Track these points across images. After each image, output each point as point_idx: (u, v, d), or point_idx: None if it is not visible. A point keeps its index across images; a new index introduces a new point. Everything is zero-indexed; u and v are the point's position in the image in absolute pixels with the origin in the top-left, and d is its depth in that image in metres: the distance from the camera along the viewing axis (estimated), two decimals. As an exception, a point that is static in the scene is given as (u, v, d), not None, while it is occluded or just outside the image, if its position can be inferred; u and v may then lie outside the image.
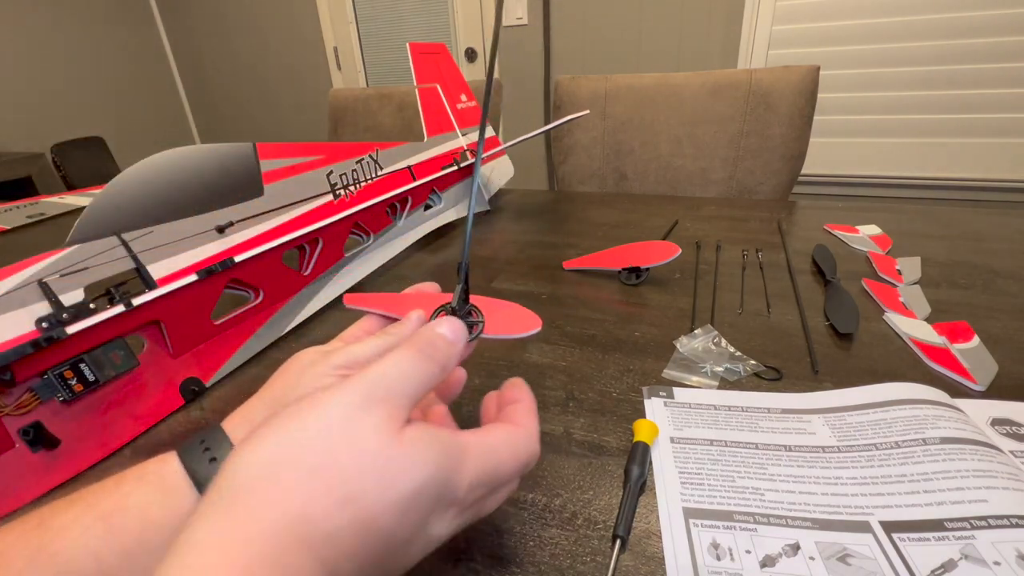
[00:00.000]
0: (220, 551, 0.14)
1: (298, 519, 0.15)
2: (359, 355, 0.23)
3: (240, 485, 0.16)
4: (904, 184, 1.76)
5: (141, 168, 0.36)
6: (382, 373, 0.19)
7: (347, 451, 0.16)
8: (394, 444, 0.17)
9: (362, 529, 0.16)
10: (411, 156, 0.66)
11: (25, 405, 0.30)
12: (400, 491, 0.16)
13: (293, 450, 0.16)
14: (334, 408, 0.17)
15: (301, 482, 0.16)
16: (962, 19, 1.53)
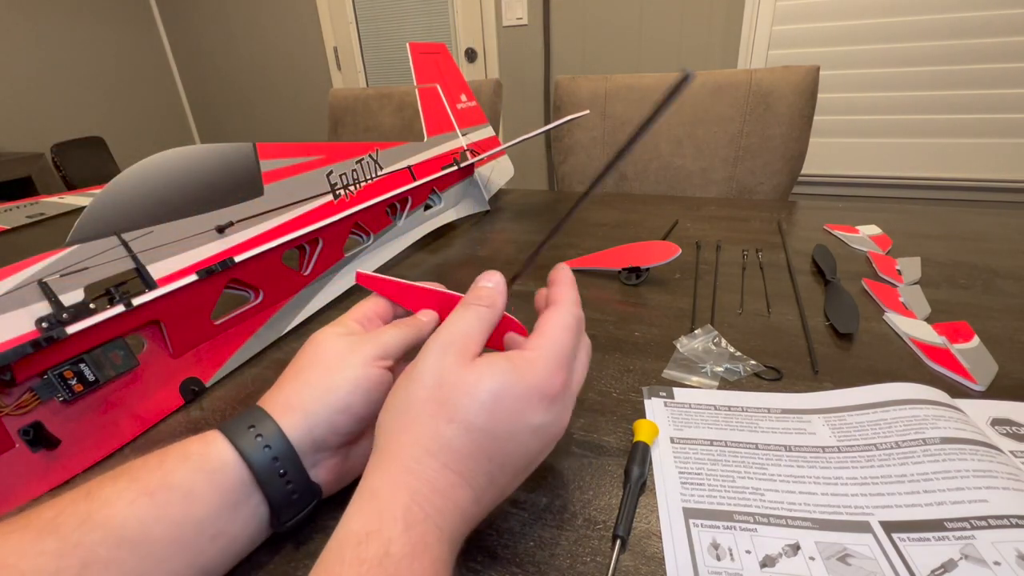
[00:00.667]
0: (380, 472, 0.21)
1: (422, 439, 0.21)
2: (390, 347, 0.27)
3: (383, 433, 0.22)
4: (904, 184, 1.76)
5: (141, 168, 0.36)
6: (448, 329, 0.24)
7: (439, 387, 0.22)
8: (468, 369, 0.22)
9: (466, 433, 0.21)
10: (411, 156, 0.66)
11: (25, 405, 0.30)
12: (481, 397, 0.21)
13: (407, 401, 0.22)
14: (423, 367, 0.23)
15: (418, 417, 0.21)
16: (962, 19, 1.53)
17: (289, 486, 0.24)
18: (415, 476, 0.20)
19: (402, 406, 0.22)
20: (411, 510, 0.19)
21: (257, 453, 0.23)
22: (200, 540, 0.22)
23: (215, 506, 0.22)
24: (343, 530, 0.19)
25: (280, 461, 0.24)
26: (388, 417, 0.23)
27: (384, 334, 0.27)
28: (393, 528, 0.19)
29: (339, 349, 0.26)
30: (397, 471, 0.20)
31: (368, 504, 0.20)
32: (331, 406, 0.25)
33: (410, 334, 0.28)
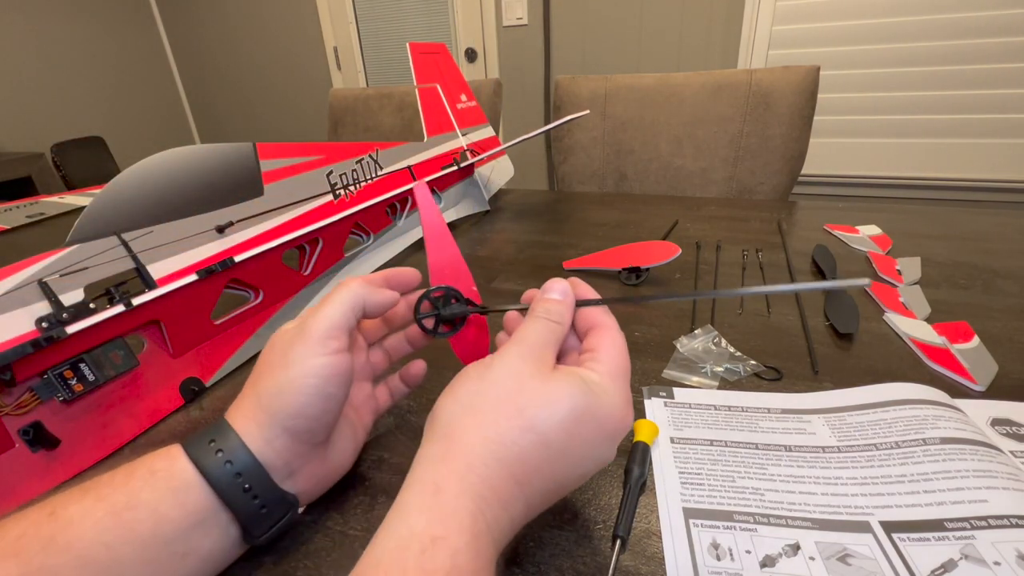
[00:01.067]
0: (444, 465, 0.20)
1: (493, 442, 0.20)
2: (332, 322, 0.25)
3: (447, 422, 0.21)
4: (904, 184, 1.76)
5: (141, 168, 0.36)
6: (523, 337, 0.23)
7: (519, 392, 0.21)
8: (548, 381, 0.22)
9: (541, 447, 0.21)
10: (411, 156, 0.66)
11: (25, 405, 0.30)
12: (561, 413, 0.21)
13: (479, 396, 0.22)
14: (501, 366, 0.22)
15: (491, 416, 0.21)
16: (962, 20, 1.53)
17: (256, 501, 0.23)
18: (482, 481, 0.19)
19: (472, 400, 0.22)
20: (477, 519, 0.18)
21: (218, 470, 0.22)
22: (170, 559, 0.21)
23: (183, 524, 0.21)
24: (403, 527, 0.18)
25: (243, 476, 0.23)
26: (455, 407, 0.22)
27: (320, 310, 0.25)
28: (460, 538, 0.18)
29: (284, 346, 0.25)
30: (464, 470, 0.19)
31: (433, 502, 0.19)
32: (283, 413, 0.23)
33: (349, 298, 0.25)
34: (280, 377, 0.24)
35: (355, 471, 0.31)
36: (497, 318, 0.30)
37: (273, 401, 0.23)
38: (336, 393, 0.24)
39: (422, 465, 0.20)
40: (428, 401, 0.37)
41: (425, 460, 0.20)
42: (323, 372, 0.23)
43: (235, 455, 0.23)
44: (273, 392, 0.24)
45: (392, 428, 0.35)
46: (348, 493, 0.30)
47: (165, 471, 0.22)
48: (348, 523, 0.28)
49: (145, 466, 0.22)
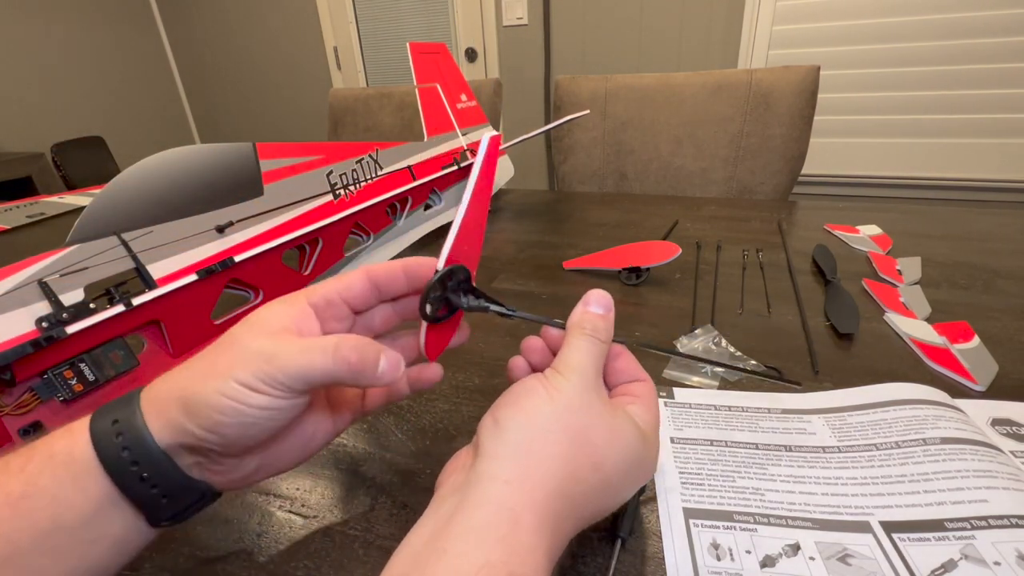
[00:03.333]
0: (521, 490, 0.19)
1: (569, 477, 0.20)
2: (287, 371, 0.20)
3: (520, 441, 0.20)
4: (904, 184, 1.76)
5: (141, 168, 0.36)
6: (582, 363, 0.22)
7: (592, 427, 0.21)
8: (614, 421, 0.22)
9: (602, 485, 0.21)
10: (411, 156, 0.66)
11: (25, 405, 0.30)
12: (626, 458, 0.21)
13: (556, 422, 0.21)
14: (573, 393, 0.21)
15: (568, 448, 0.20)
16: (962, 20, 1.53)
17: (155, 490, 0.20)
18: (555, 516, 0.19)
19: (549, 424, 0.21)
20: (550, 557, 0.19)
21: (114, 458, 0.20)
22: (77, 545, 0.20)
23: (86, 510, 0.20)
24: (480, 554, 0.17)
25: (141, 466, 0.20)
26: (529, 426, 0.21)
27: (286, 357, 0.20)
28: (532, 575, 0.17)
29: (236, 354, 0.21)
30: (542, 503, 0.19)
31: (511, 533, 0.18)
32: (196, 421, 0.20)
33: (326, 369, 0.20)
34: (208, 384, 0.20)
35: (355, 471, 0.31)
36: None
37: (190, 405, 0.20)
38: (264, 426, 0.21)
39: (495, 484, 0.19)
40: (428, 400, 0.37)
41: (500, 480, 0.19)
42: (254, 403, 0.20)
43: (133, 443, 0.20)
44: (195, 395, 0.20)
45: (392, 428, 0.35)
46: (348, 493, 0.30)
47: (65, 454, 0.20)
48: (348, 523, 0.28)
49: (45, 449, 0.20)
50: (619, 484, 0.22)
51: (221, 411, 0.20)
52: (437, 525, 0.19)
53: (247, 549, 0.27)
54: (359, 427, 0.35)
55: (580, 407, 0.21)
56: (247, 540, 0.27)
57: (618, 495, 0.22)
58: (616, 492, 0.22)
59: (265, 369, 0.20)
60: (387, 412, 0.36)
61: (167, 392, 0.21)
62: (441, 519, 0.19)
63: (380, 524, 0.27)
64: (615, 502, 0.22)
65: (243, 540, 0.27)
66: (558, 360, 0.23)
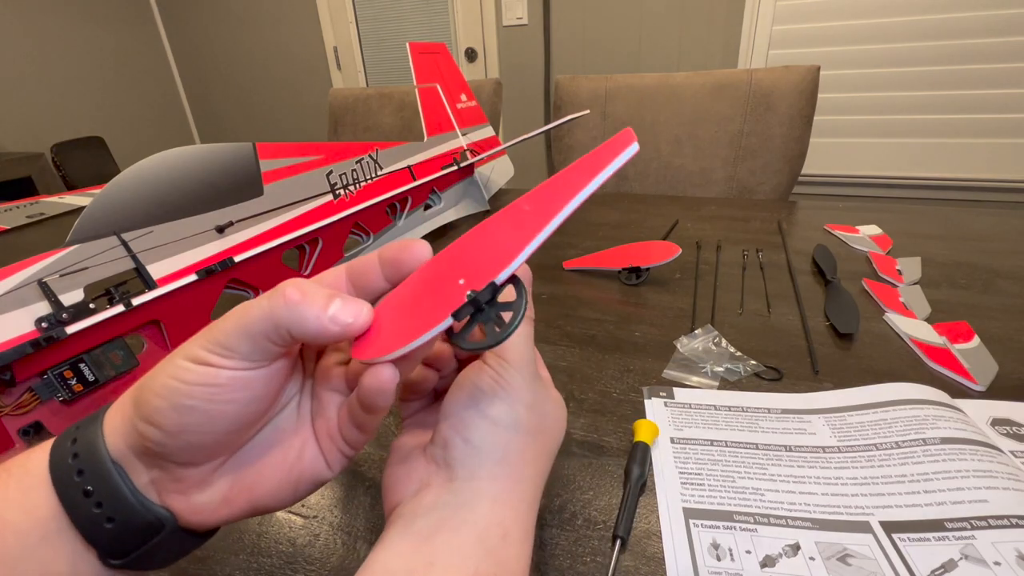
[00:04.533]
0: (507, 506, 0.19)
1: (540, 476, 0.21)
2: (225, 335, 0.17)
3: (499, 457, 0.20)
4: (904, 184, 1.76)
5: (141, 168, 0.36)
6: (522, 349, 0.22)
7: (544, 417, 0.22)
8: (551, 399, 0.23)
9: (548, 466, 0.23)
10: (411, 156, 0.66)
11: (25, 405, 0.30)
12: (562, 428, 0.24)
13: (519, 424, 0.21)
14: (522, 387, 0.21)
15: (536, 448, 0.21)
16: (962, 19, 1.53)
17: (99, 510, 0.17)
18: (532, 515, 0.20)
19: (514, 429, 0.21)
20: (529, 559, 0.19)
21: (61, 464, 0.17)
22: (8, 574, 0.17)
23: (31, 538, 0.17)
24: (470, 567, 0.17)
25: (85, 475, 0.17)
26: (498, 438, 0.20)
27: (226, 317, 0.18)
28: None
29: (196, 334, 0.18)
30: (527, 513, 0.20)
31: (500, 547, 0.18)
32: (139, 411, 0.17)
33: (261, 315, 0.17)
34: (159, 368, 0.18)
35: (355, 471, 0.31)
36: None
37: (139, 393, 0.18)
38: (203, 409, 0.17)
39: (483, 503, 0.19)
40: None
41: (485, 498, 0.19)
42: (188, 378, 0.17)
43: (83, 449, 0.17)
44: (144, 381, 0.18)
45: (392, 428, 0.35)
46: (349, 493, 0.30)
47: (20, 467, 0.18)
48: (349, 523, 0.28)
49: (11, 463, 0.18)
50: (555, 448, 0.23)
51: (157, 392, 0.17)
52: (415, 543, 0.18)
53: (247, 549, 0.27)
54: (359, 427, 0.35)
55: (533, 402, 0.22)
56: (247, 540, 0.27)
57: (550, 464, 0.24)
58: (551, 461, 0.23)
59: (205, 335, 0.17)
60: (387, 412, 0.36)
61: (129, 391, 0.18)
62: (418, 537, 0.18)
63: (380, 524, 0.27)
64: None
65: (243, 540, 0.27)
66: (504, 349, 0.21)
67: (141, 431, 0.17)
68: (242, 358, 0.17)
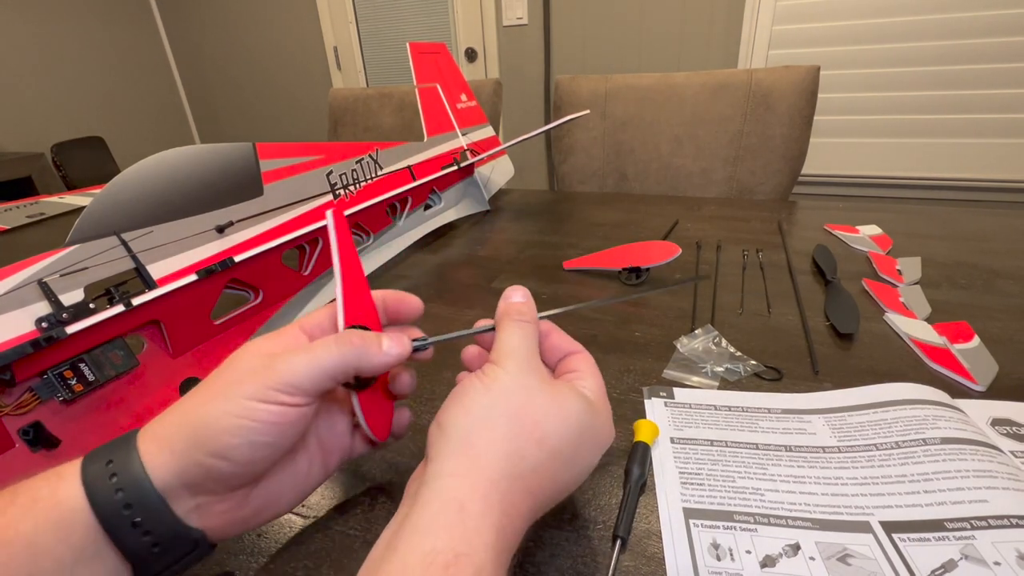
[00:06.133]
0: (465, 480, 0.19)
1: (513, 456, 0.20)
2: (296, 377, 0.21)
3: (462, 436, 0.21)
4: (904, 184, 1.76)
5: (141, 168, 0.36)
6: (514, 348, 0.23)
7: (531, 404, 0.22)
8: (557, 395, 0.22)
9: (553, 459, 0.21)
10: (411, 156, 0.66)
11: (25, 405, 0.30)
12: (572, 427, 0.22)
13: (493, 409, 0.21)
14: (508, 378, 0.22)
15: (508, 430, 0.21)
16: (962, 19, 1.53)
17: (147, 538, 0.19)
18: (503, 497, 0.19)
19: (487, 413, 0.21)
20: (500, 536, 0.19)
21: (106, 499, 0.19)
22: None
23: (65, 561, 0.18)
24: (427, 543, 0.18)
25: (134, 509, 0.19)
26: (467, 420, 0.21)
27: (292, 359, 0.21)
28: (485, 554, 0.18)
29: (239, 372, 0.21)
30: (487, 487, 0.19)
31: (457, 519, 0.18)
32: (204, 448, 0.20)
33: (337, 359, 0.21)
34: (214, 407, 0.20)
35: (355, 471, 0.31)
36: None
37: (198, 431, 0.20)
38: (274, 443, 0.21)
39: (441, 480, 0.19)
40: (429, 400, 0.37)
41: (445, 475, 0.20)
42: (263, 418, 0.20)
43: (129, 484, 0.19)
44: (201, 420, 0.20)
45: (392, 428, 0.35)
46: (349, 493, 0.30)
47: (49, 498, 0.19)
48: (348, 523, 0.28)
49: (30, 491, 0.19)
50: (572, 454, 0.22)
51: (230, 432, 0.19)
52: (392, 530, 0.19)
53: (247, 549, 0.27)
54: (359, 427, 0.35)
55: (516, 389, 0.22)
56: (247, 540, 0.27)
57: (575, 465, 0.23)
58: (570, 462, 0.22)
59: (272, 377, 0.20)
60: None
61: (172, 425, 0.21)
62: (395, 525, 0.20)
63: (380, 524, 0.27)
64: (574, 472, 0.23)
65: (243, 540, 0.27)
66: (492, 351, 0.24)
67: (209, 465, 0.20)
68: (306, 395, 0.21)
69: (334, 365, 0.21)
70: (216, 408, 0.20)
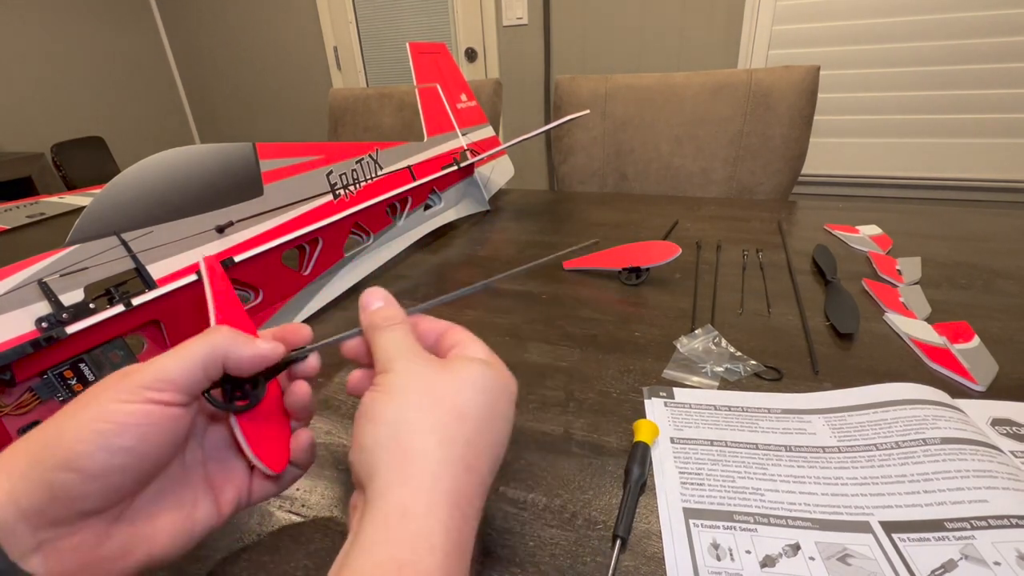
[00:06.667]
0: (407, 486, 0.18)
1: (444, 443, 0.20)
2: (168, 370, 0.20)
3: (388, 446, 0.20)
4: (904, 184, 1.76)
5: (141, 168, 0.36)
6: (394, 351, 0.23)
7: (434, 388, 0.21)
8: (452, 370, 0.22)
9: (477, 427, 0.21)
10: (411, 156, 0.66)
11: (25, 405, 0.30)
12: (479, 392, 0.22)
13: (405, 409, 0.21)
14: (401, 376, 0.22)
15: (428, 419, 0.20)
16: (962, 19, 1.53)
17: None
18: (448, 487, 0.19)
19: (401, 415, 0.20)
20: (451, 531, 0.18)
21: None
22: None
23: None
24: (367, 561, 0.17)
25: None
26: (384, 430, 0.20)
27: (160, 358, 0.20)
28: (431, 558, 0.17)
29: (105, 383, 0.19)
30: (430, 483, 0.18)
31: (397, 527, 0.17)
32: (50, 461, 0.17)
33: (201, 349, 0.21)
34: (65, 421, 0.18)
35: (355, 471, 0.31)
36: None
37: (47, 446, 0.18)
38: (134, 448, 0.18)
39: (382, 497, 0.18)
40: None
41: (384, 490, 0.18)
42: (121, 419, 0.18)
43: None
44: (51, 434, 0.18)
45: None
46: (349, 493, 0.30)
47: None
48: (348, 523, 0.28)
49: None
50: (490, 414, 0.22)
51: (82, 438, 0.17)
52: (342, 554, 0.18)
53: (247, 549, 0.27)
54: (359, 427, 0.35)
55: (415, 382, 0.21)
56: (247, 540, 0.27)
57: (496, 423, 0.22)
58: (492, 422, 0.22)
59: (138, 376, 0.19)
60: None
61: (16, 447, 0.18)
62: (344, 549, 0.18)
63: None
64: (498, 429, 0.22)
65: (243, 540, 0.27)
66: (376, 365, 0.23)
67: (55, 481, 0.17)
68: (177, 390, 0.20)
69: (204, 353, 0.21)
70: (72, 419, 0.18)
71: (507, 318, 0.48)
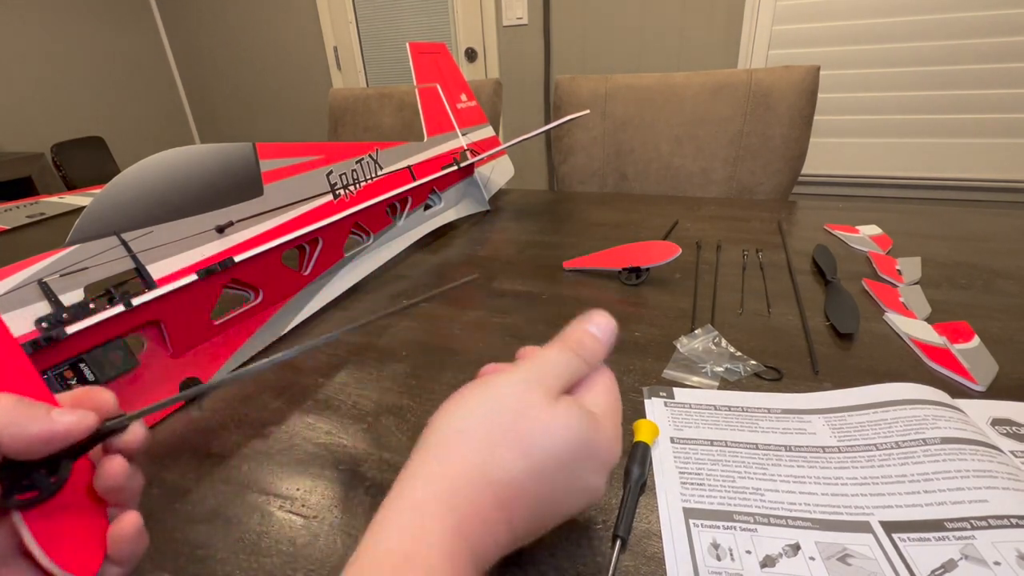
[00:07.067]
0: (429, 487, 0.19)
1: (488, 463, 0.20)
2: None
3: (439, 440, 0.21)
4: (904, 184, 1.76)
5: (141, 168, 0.36)
6: (540, 364, 0.23)
7: (521, 419, 0.21)
8: (553, 412, 0.21)
9: (534, 475, 0.20)
10: (411, 156, 0.66)
11: (25, 405, 0.30)
12: (560, 445, 0.21)
13: (480, 419, 0.21)
14: (506, 387, 0.22)
15: (486, 443, 0.20)
16: (962, 19, 1.53)
17: None
18: (466, 502, 0.19)
19: (469, 423, 0.21)
20: (456, 538, 0.18)
21: None
22: None
23: None
24: (380, 546, 0.17)
25: None
26: (450, 425, 0.21)
27: None
28: (435, 554, 0.17)
29: None
30: (448, 493, 0.19)
31: (409, 520, 0.18)
32: None
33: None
34: None
35: (355, 471, 0.31)
36: None
37: None
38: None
39: (408, 482, 0.19)
40: (428, 400, 0.37)
41: (411, 476, 0.19)
42: None
43: None
44: None
45: (392, 428, 0.35)
46: (348, 493, 0.30)
47: None
48: (349, 523, 0.28)
49: None
50: (558, 470, 0.21)
51: None
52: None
53: (247, 549, 0.27)
54: (359, 427, 0.35)
55: (511, 402, 0.21)
56: (247, 540, 0.27)
57: (562, 483, 0.21)
58: (556, 479, 0.21)
59: None
60: (387, 412, 0.36)
61: None
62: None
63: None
64: (561, 491, 0.21)
65: (243, 540, 0.27)
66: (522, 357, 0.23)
67: None
68: None
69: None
70: None
71: (507, 318, 0.48)
